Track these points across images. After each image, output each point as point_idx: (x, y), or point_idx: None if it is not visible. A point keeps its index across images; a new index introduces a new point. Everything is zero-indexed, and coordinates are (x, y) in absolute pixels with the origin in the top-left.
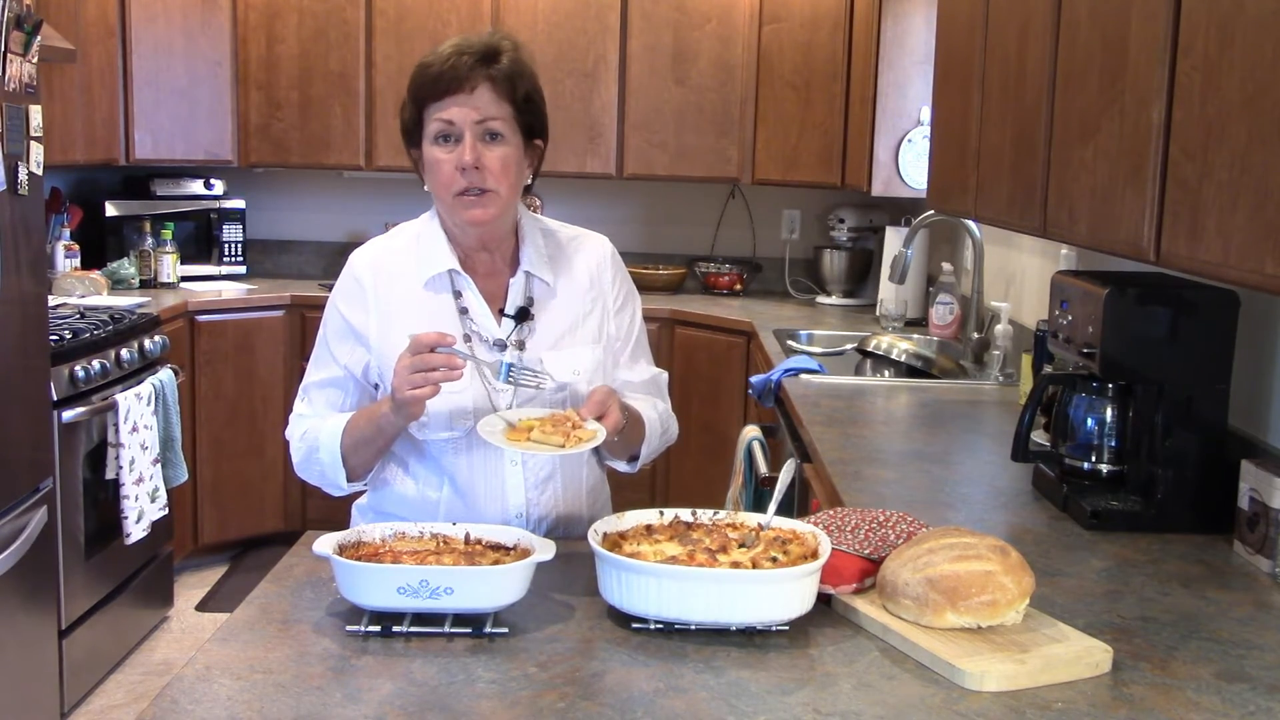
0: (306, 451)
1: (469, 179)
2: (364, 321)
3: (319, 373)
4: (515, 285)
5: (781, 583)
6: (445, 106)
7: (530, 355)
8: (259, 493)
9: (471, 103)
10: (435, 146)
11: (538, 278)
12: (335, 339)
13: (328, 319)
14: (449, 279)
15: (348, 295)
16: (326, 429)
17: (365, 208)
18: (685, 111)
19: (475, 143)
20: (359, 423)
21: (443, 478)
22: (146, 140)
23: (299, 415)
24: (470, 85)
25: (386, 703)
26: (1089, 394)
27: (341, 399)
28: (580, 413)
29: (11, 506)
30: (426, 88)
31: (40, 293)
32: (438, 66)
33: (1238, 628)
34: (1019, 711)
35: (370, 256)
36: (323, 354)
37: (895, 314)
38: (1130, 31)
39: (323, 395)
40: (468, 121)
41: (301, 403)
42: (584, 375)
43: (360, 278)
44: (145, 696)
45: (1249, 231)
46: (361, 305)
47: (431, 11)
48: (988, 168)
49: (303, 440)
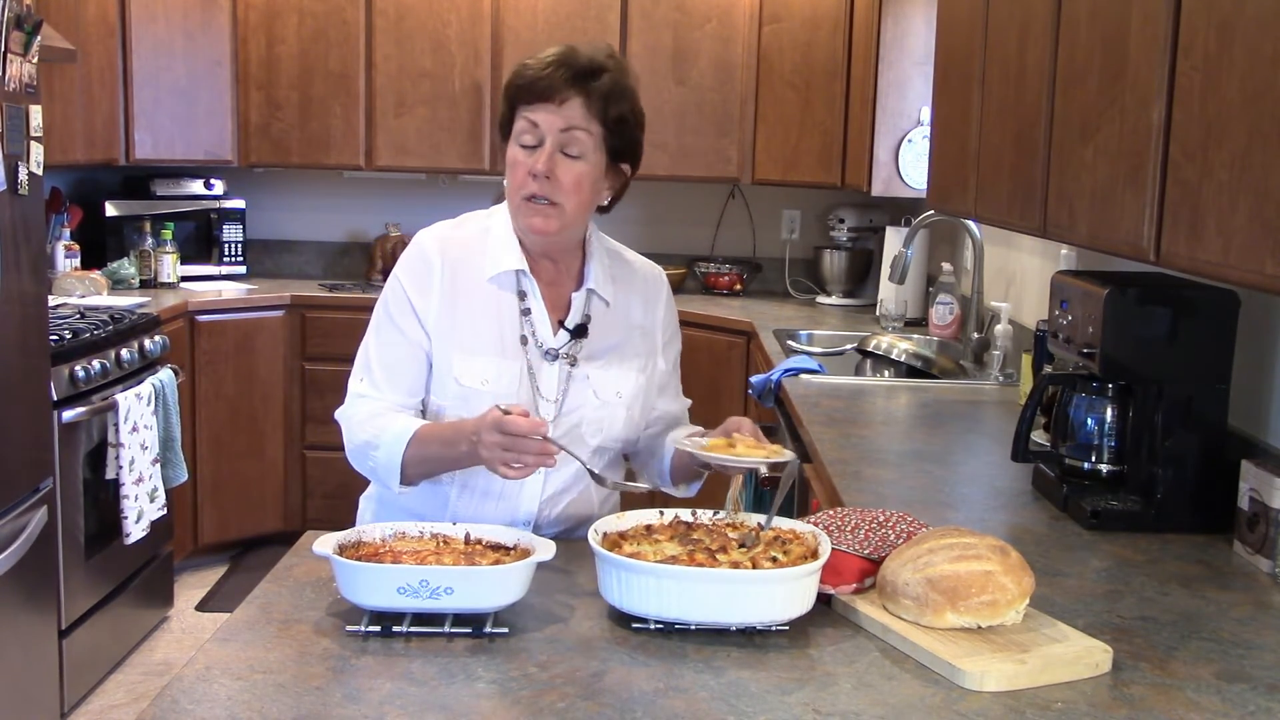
0: (363, 444)
1: (539, 186)
2: (425, 304)
3: (384, 348)
4: (578, 300)
5: (781, 583)
6: (534, 110)
7: (579, 371)
8: (259, 493)
9: (560, 113)
10: (517, 146)
11: (599, 296)
12: (400, 313)
13: (390, 295)
14: (515, 279)
15: (414, 273)
16: (391, 431)
17: (365, 208)
18: (685, 111)
19: (554, 152)
20: (430, 440)
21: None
22: (146, 140)
23: (360, 395)
24: (561, 97)
25: (386, 703)
26: (1089, 394)
27: (410, 373)
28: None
29: (11, 506)
30: (520, 90)
31: (40, 293)
32: (534, 72)
33: (1238, 628)
34: (1019, 711)
35: (441, 241)
36: (387, 328)
37: (895, 314)
38: (1130, 31)
39: (389, 372)
40: (552, 129)
41: (361, 382)
42: (625, 399)
43: (429, 259)
44: (145, 696)
45: (1249, 231)
46: (426, 285)
47: (431, 11)
48: (988, 167)
49: (363, 428)
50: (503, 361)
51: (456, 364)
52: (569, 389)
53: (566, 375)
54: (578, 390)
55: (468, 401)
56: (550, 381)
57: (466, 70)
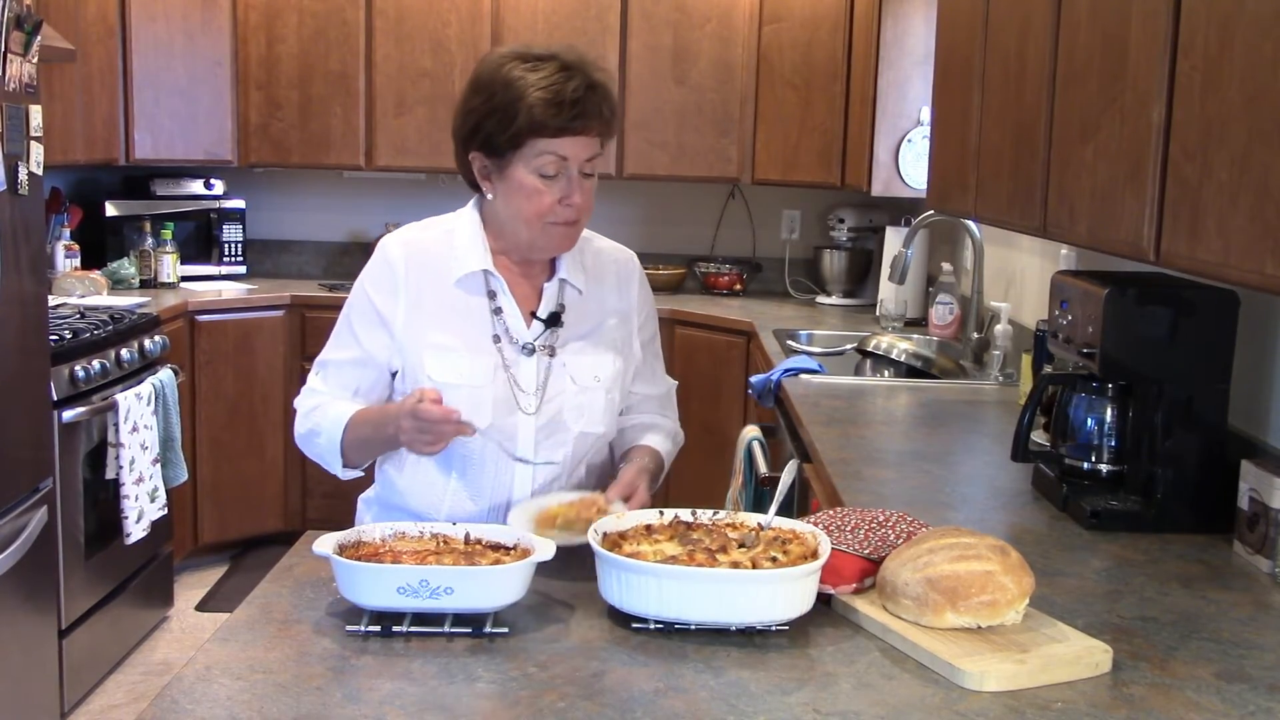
0: (309, 431)
1: (571, 213)
2: (392, 308)
3: (339, 351)
4: (550, 290)
5: (781, 583)
6: (561, 145)
7: (556, 360)
8: (259, 493)
9: (586, 142)
10: (536, 176)
11: (571, 284)
12: (360, 321)
13: (354, 301)
14: (483, 279)
15: (378, 280)
16: (330, 416)
17: (365, 208)
18: (685, 111)
19: (580, 179)
20: (363, 424)
21: (450, 469)
22: (146, 140)
23: (312, 390)
24: (586, 128)
25: (386, 703)
26: (1089, 394)
27: (358, 382)
28: (608, 495)
29: (11, 506)
30: (547, 118)
31: (40, 293)
32: (563, 96)
33: (1238, 628)
34: (1019, 711)
35: (405, 245)
36: (345, 334)
37: (895, 314)
38: (1130, 31)
39: (339, 375)
40: (579, 159)
41: (316, 377)
42: (604, 383)
43: (394, 264)
44: (145, 696)
45: (1249, 231)
46: (392, 291)
47: (431, 11)
48: (988, 167)
49: (308, 418)
50: (475, 358)
51: (429, 363)
52: (548, 379)
53: (546, 366)
54: (556, 379)
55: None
56: (529, 374)
57: (466, 70)
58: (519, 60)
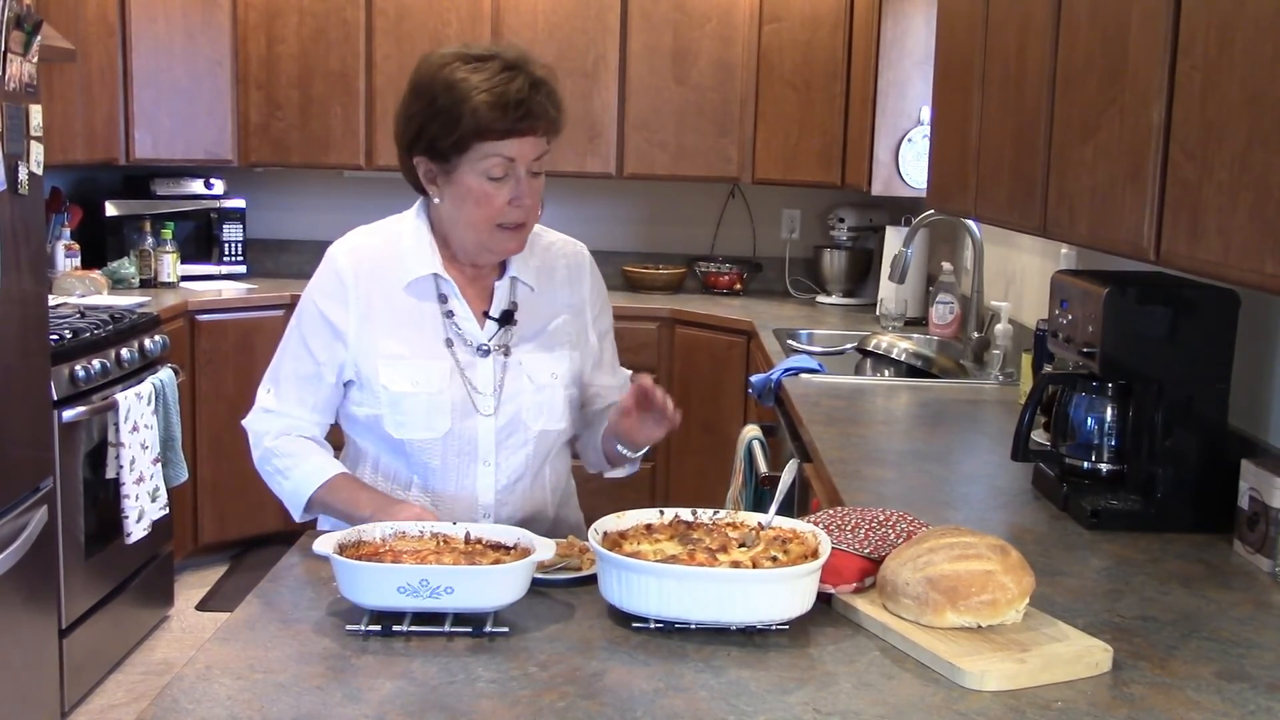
0: (274, 470)
1: (522, 214)
2: (343, 318)
3: (290, 366)
4: (501, 289)
5: (781, 582)
6: (507, 146)
7: (512, 359)
8: (259, 493)
9: (534, 142)
10: (484, 180)
11: (522, 281)
12: (312, 334)
13: (303, 312)
14: (433, 282)
15: (327, 291)
16: (303, 470)
17: (365, 208)
18: (685, 111)
19: (529, 179)
20: (335, 499)
21: (412, 475)
22: (146, 140)
23: (266, 410)
24: (532, 128)
25: (386, 702)
26: (1089, 393)
27: (314, 397)
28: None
29: (11, 506)
30: (492, 121)
31: (40, 292)
32: (508, 98)
33: (1238, 627)
34: (1019, 711)
35: (352, 253)
36: (296, 347)
37: (895, 313)
38: (1130, 31)
39: (294, 390)
40: (527, 160)
41: (269, 395)
42: (562, 379)
43: (341, 273)
44: (145, 696)
45: (1249, 231)
46: (341, 302)
47: (431, 11)
48: (988, 167)
49: (274, 453)
50: (429, 363)
51: (383, 372)
52: (505, 379)
53: (502, 366)
54: (513, 379)
55: (399, 406)
56: (485, 376)
57: None
58: (460, 61)
